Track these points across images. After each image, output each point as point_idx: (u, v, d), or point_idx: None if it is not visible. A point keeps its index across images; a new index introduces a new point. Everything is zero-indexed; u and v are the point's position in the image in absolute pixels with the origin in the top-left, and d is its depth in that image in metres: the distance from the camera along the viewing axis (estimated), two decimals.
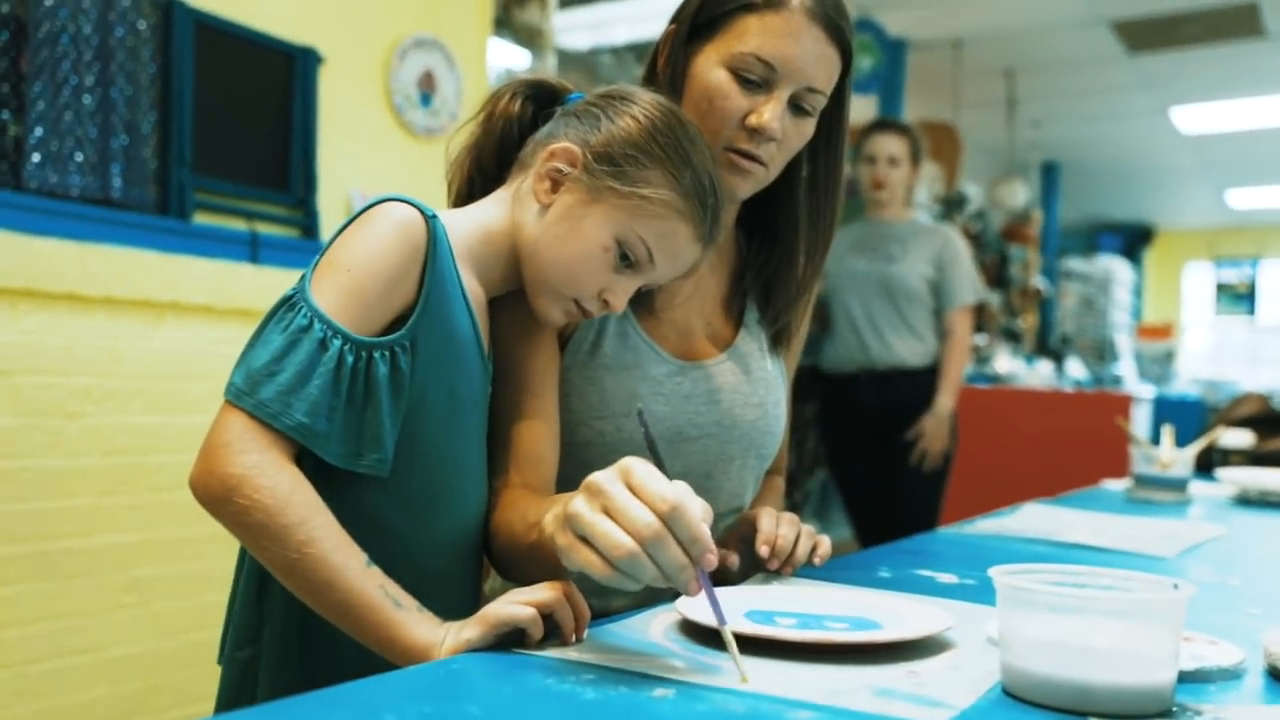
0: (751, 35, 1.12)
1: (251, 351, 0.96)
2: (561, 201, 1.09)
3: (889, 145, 3.47)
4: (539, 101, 1.18)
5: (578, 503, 0.79)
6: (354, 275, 0.98)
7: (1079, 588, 0.78)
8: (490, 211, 1.13)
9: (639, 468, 0.79)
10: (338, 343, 0.95)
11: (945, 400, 3.40)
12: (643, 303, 1.22)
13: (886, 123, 3.63)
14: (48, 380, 2.31)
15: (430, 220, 1.03)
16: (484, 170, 1.18)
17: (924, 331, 3.46)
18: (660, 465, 0.82)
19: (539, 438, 1.13)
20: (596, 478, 0.79)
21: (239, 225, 2.77)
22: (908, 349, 3.44)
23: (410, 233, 1.01)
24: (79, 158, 2.40)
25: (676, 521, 0.76)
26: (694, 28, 1.17)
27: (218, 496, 0.91)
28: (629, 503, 0.77)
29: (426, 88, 3.28)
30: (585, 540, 0.78)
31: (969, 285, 3.48)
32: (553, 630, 0.87)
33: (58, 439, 2.33)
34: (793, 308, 1.32)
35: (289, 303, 0.97)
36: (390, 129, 3.20)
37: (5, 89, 2.31)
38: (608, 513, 0.77)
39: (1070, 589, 0.77)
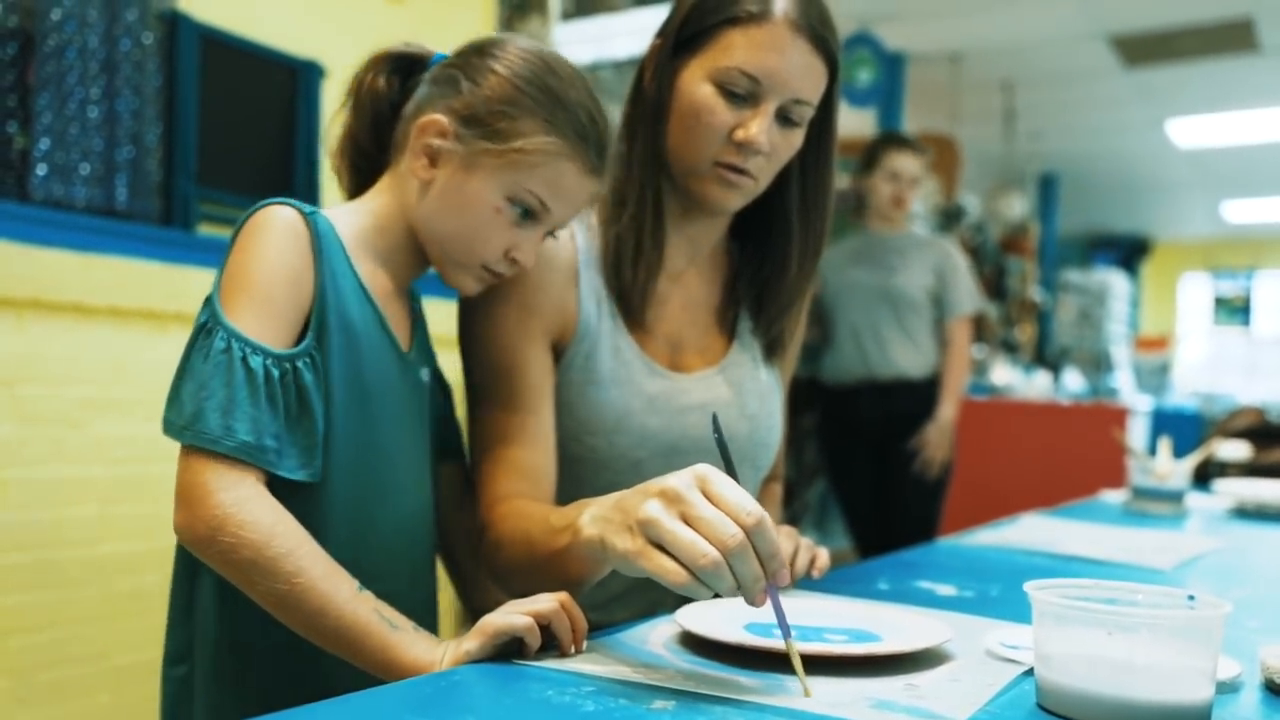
0: (736, 49, 1.12)
1: (181, 385, 0.97)
2: (442, 175, 1.08)
3: (911, 165, 3.48)
4: (404, 73, 1.16)
5: (652, 507, 0.78)
6: (258, 286, 0.98)
7: (1111, 603, 0.78)
8: (378, 200, 1.12)
9: (715, 476, 0.79)
10: (259, 359, 0.96)
11: (948, 410, 3.41)
12: (634, 316, 1.22)
13: (908, 141, 3.61)
14: (51, 390, 2.32)
15: (310, 217, 1.02)
16: (366, 154, 1.16)
17: (924, 342, 3.48)
18: (733, 473, 0.82)
19: (538, 451, 1.14)
20: (673, 484, 0.79)
21: None
22: (908, 360, 3.45)
23: (297, 231, 1.01)
24: (84, 169, 2.41)
25: (759, 535, 0.76)
26: (679, 42, 1.17)
27: (203, 538, 0.91)
28: (713, 514, 0.76)
29: None
30: (658, 546, 0.78)
31: (969, 295, 3.49)
32: (550, 641, 0.88)
33: (61, 448, 2.34)
34: (785, 316, 1.31)
35: (204, 329, 0.97)
36: None
37: (12, 101, 2.33)
38: (688, 521, 0.77)
39: (1110, 606, 0.77)
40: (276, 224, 1.01)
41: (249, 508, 0.92)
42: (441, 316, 1.28)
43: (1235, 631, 1.05)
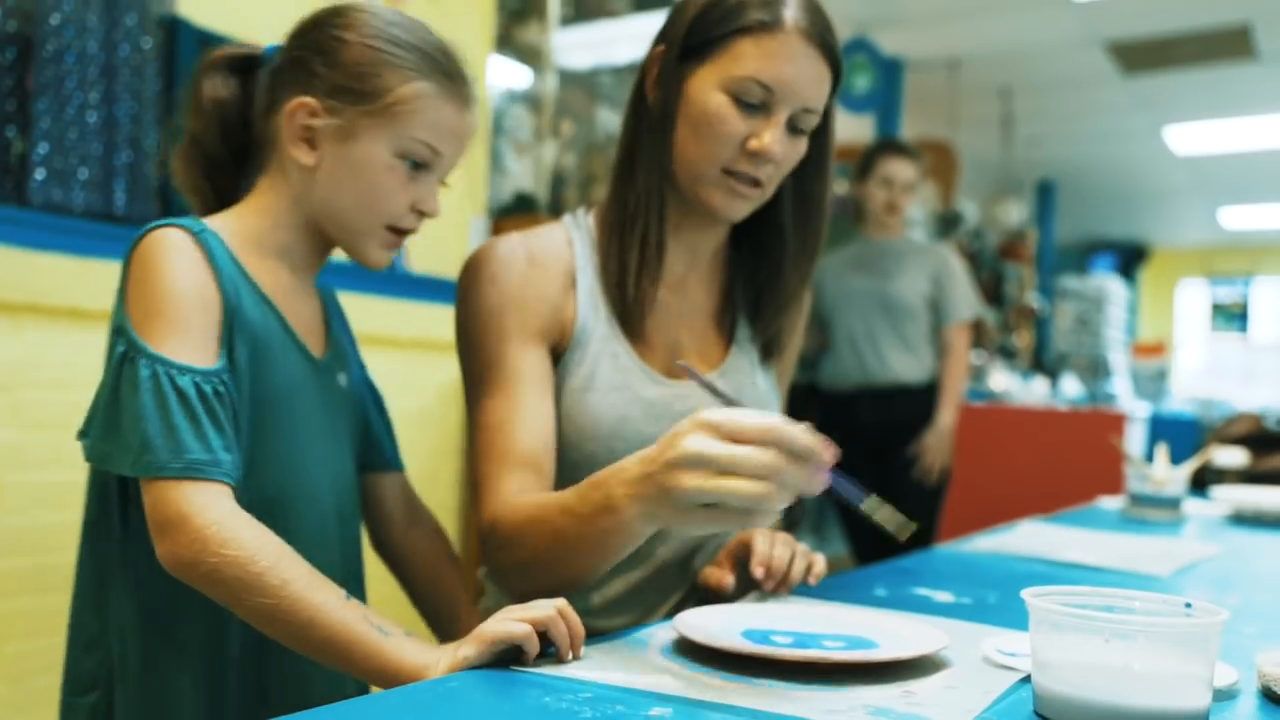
0: (748, 59, 1.11)
1: (118, 420, 0.97)
2: (325, 153, 1.09)
3: (905, 171, 3.48)
4: (241, 74, 1.16)
5: (688, 479, 0.81)
6: (170, 308, 0.99)
7: (1108, 610, 0.78)
8: (263, 199, 1.13)
9: (718, 416, 0.82)
10: (186, 379, 0.97)
11: (947, 415, 3.41)
12: (632, 324, 1.22)
13: (901, 146, 3.61)
14: (49, 395, 2.32)
15: (198, 235, 1.03)
16: (217, 163, 1.15)
17: (922, 349, 3.48)
18: (726, 400, 0.87)
19: (538, 440, 1.13)
20: (691, 448, 0.81)
21: None
22: (906, 366, 3.46)
23: (190, 249, 1.02)
24: (83, 174, 2.41)
25: (787, 444, 0.80)
26: (685, 49, 1.16)
27: (188, 563, 0.92)
28: (743, 453, 0.80)
29: None
30: (714, 506, 0.81)
31: (966, 301, 3.50)
32: (548, 648, 0.88)
33: (59, 453, 2.33)
34: (781, 318, 1.31)
35: (126, 359, 0.99)
36: None
37: (10, 106, 2.33)
38: (724, 472, 0.80)
39: (1107, 613, 0.77)
40: (172, 245, 1.02)
41: (227, 525, 0.93)
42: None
43: (1232, 638, 1.05)
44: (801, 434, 0.81)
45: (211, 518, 0.92)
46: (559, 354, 1.20)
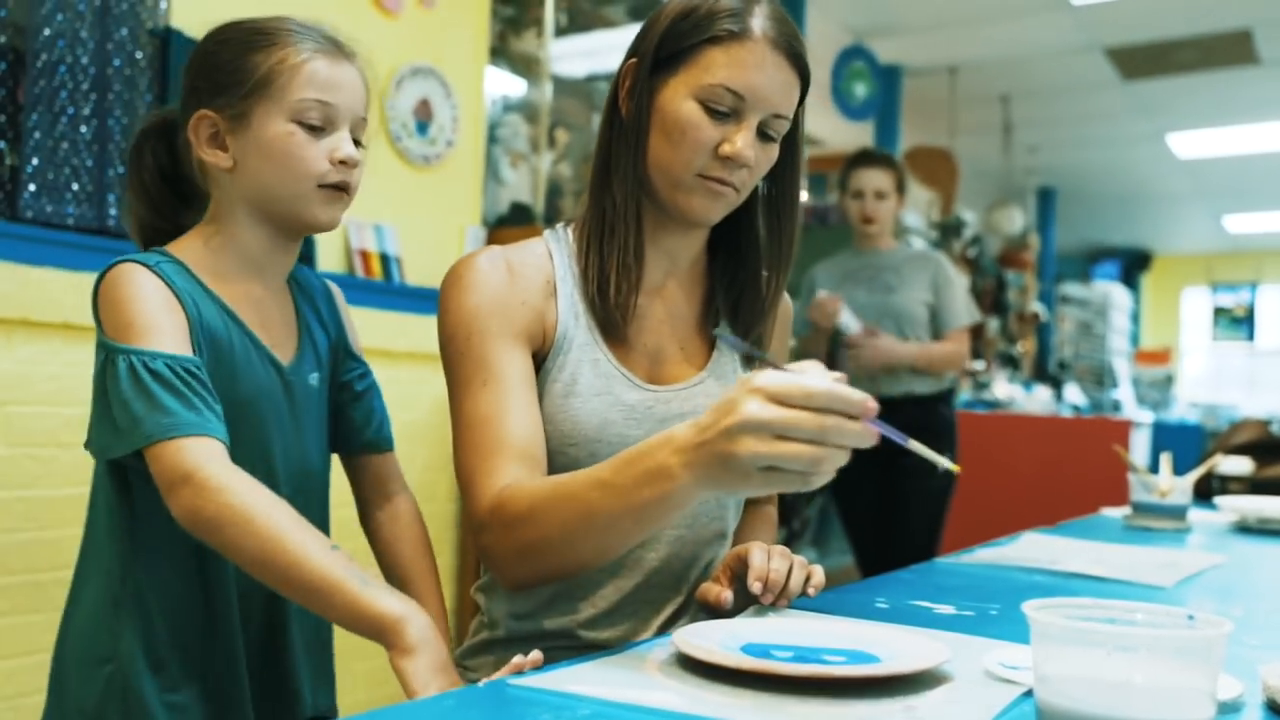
0: (718, 67, 1.15)
1: (109, 412, 1.10)
2: (235, 149, 1.18)
3: (875, 180, 3.48)
4: (167, 136, 1.27)
5: (747, 444, 0.84)
6: (141, 317, 1.10)
7: (1110, 623, 0.77)
8: (210, 220, 1.23)
9: (766, 379, 0.85)
10: (159, 362, 1.07)
11: (906, 348, 3.37)
12: (613, 331, 1.23)
13: (871, 156, 3.62)
14: (41, 410, 2.30)
15: (155, 267, 1.13)
16: (168, 216, 1.28)
17: None
18: (769, 364, 0.90)
19: (529, 429, 1.15)
20: (748, 414, 0.84)
21: None
22: (913, 376, 3.45)
23: (148, 275, 1.12)
24: (75, 187, 2.40)
25: (836, 403, 0.83)
26: (657, 61, 1.20)
27: (196, 511, 1.02)
28: (796, 416, 0.83)
29: (423, 116, 3.29)
30: (771, 469, 0.85)
31: (964, 307, 3.50)
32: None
33: (51, 469, 2.32)
34: (761, 322, 1.33)
35: (103, 366, 1.11)
36: (387, 157, 3.20)
37: (2, 119, 2.32)
38: (781, 436, 0.83)
39: (1109, 625, 0.75)
40: (132, 273, 1.12)
41: (223, 475, 1.03)
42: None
43: (1237, 650, 1.04)
44: (853, 392, 0.84)
45: (210, 470, 1.02)
46: (540, 359, 1.21)
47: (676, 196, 1.21)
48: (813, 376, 0.85)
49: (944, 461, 0.90)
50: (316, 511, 1.28)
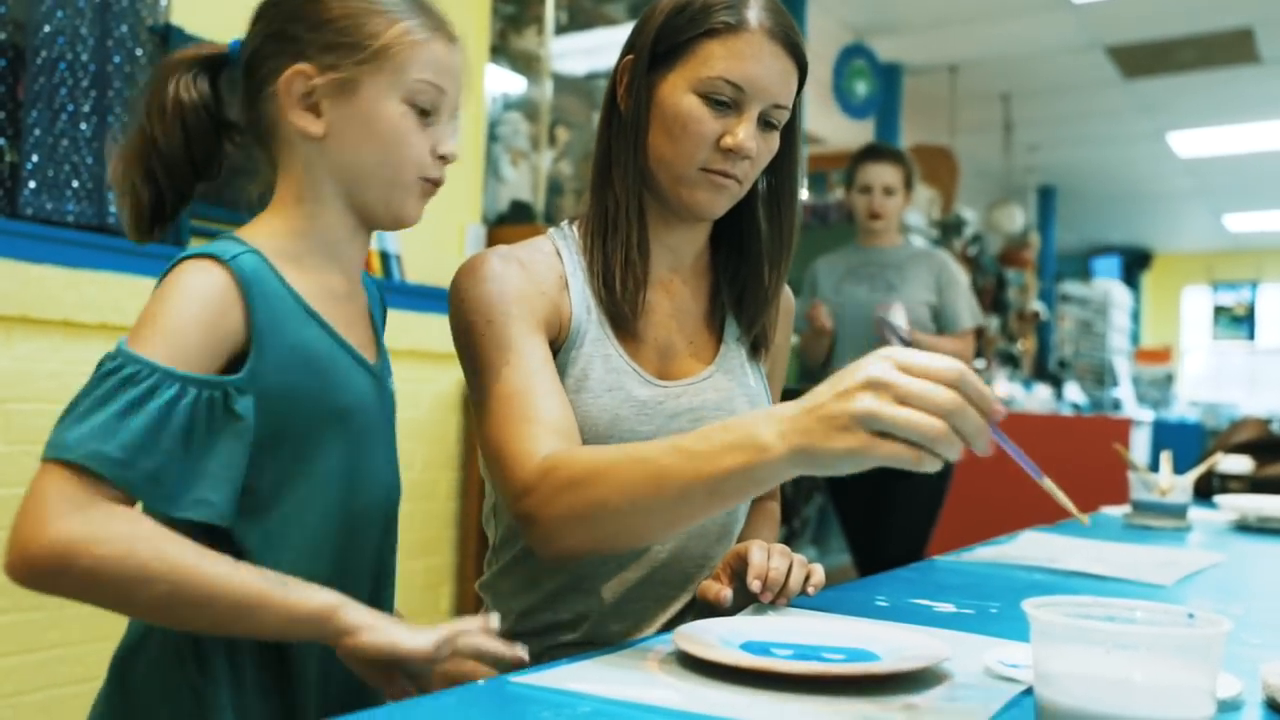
0: (717, 60, 1.15)
1: (69, 412, 0.89)
2: (330, 116, 1.03)
3: (884, 175, 3.45)
4: (211, 73, 1.08)
5: (866, 401, 0.81)
6: (168, 322, 0.93)
7: (1109, 620, 0.77)
8: (287, 197, 1.06)
9: (903, 354, 0.83)
10: (144, 371, 0.90)
11: (950, 345, 3.32)
12: (624, 326, 1.23)
13: (880, 150, 3.59)
14: (41, 407, 2.30)
15: (232, 263, 0.97)
16: (173, 168, 1.06)
17: None
18: (905, 341, 0.87)
19: (567, 416, 1.12)
20: (874, 373, 0.82)
21: None
22: None
23: (215, 282, 0.96)
24: (75, 184, 2.40)
25: (968, 388, 0.81)
26: (654, 57, 1.20)
27: (48, 571, 0.85)
28: (922, 386, 0.80)
29: None
30: (881, 435, 0.81)
31: (968, 309, 3.46)
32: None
33: None
34: (764, 315, 1.33)
35: (106, 359, 0.92)
36: None
37: (2, 116, 2.32)
38: (903, 401, 0.80)
39: (1108, 624, 0.75)
40: (192, 278, 0.96)
41: (101, 523, 0.85)
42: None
43: (1236, 648, 1.03)
44: (982, 383, 0.82)
45: (80, 519, 0.84)
46: (555, 347, 1.21)
47: (680, 191, 1.21)
48: (946, 359, 0.83)
49: (1072, 507, 0.88)
50: (395, 530, 1.16)
